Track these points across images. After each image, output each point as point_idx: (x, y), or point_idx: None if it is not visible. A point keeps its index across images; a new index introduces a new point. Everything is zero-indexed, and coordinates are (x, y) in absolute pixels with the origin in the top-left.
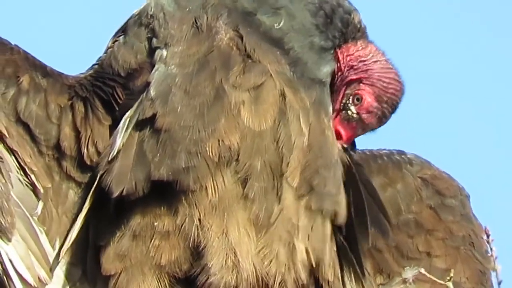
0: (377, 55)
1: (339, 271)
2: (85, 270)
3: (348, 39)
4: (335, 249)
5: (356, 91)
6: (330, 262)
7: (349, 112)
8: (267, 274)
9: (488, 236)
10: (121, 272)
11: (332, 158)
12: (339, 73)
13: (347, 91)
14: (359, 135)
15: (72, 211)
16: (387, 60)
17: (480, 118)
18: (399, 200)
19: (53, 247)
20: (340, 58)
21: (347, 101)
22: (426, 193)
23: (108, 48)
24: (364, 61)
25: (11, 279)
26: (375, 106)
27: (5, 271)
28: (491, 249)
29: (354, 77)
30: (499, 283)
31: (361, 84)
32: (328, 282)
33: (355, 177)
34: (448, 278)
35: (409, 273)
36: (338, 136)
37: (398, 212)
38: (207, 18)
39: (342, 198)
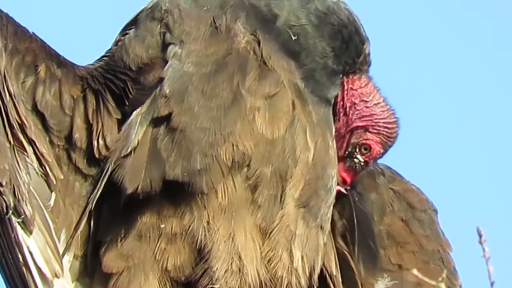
0: (376, 95)
1: (340, 278)
2: (87, 264)
3: (356, 70)
4: (334, 258)
5: (364, 141)
6: (329, 270)
7: (355, 160)
8: (273, 278)
9: (480, 237)
10: (123, 271)
11: (332, 179)
12: (341, 103)
13: (353, 140)
14: None
15: (78, 203)
16: (384, 100)
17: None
18: (373, 211)
19: (58, 239)
20: (345, 87)
21: (354, 150)
22: (398, 206)
23: (117, 41)
24: (366, 102)
25: (30, 272)
26: (382, 152)
27: (25, 263)
28: (483, 249)
29: (360, 124)
30: (491, 284)
31: (367, 133)
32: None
33: (350, 205)
34: (441, 279)
35: (381, 284)
36: (344, 181)
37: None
38: (226, 19)
39: (330, 217)
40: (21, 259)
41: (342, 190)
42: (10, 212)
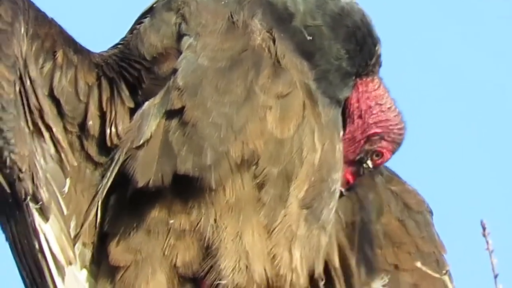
0: (388, 97)
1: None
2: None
3: (369, 72)
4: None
5: (378, 148)
6: (333, 263)
7: (364, 165)
8: (277, 275)
9: (484, 230)
10: (130, 265)
11: (336, 183)
12: (355, 105)
13: (367, 147)
14: None
15: (88, 190)
16: (394, 103)
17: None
18: (371, 210)
19: (69, 225)
20: (360, 89)
21: (366, 156)
22: (395, 206)
23: (132, 29)
24: (381, 106)
25: (46, 259)
26: (390, 158)
27: (41, 250)
28: (487, 242)
29: (377, 130)
30: (495, 277)
31: (383, 141)
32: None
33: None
34: (444, 271)
35: (377, 284)
36: (346, 182)
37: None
38: (243, 14)
39: (332, 219)
40: (37, 246)
41: (343, 190)
42: (28, 198)
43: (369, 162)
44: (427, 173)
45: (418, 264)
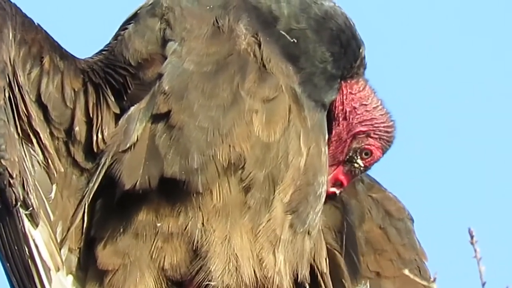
0: (374, 98)
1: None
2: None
3: (354, 74)
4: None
5: (366, 146)
6: (320, 267)
7: (355, 165)
8: (266, 277)
9: (472, 237)
10: (118, 269)
11: (322, 187)
12: (340, 108)
13: (355, 145)
14: None
15: (75, 196)
16: (382, 103)
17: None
18: (353, 217)
19: (55, 231)
20: (344, 92)
21: (355, 155)
22: (376, 213)
23: (117, 35)
24: (366, 106)
25: (36, 265)
26: (381, 157)
27: (31, 256)
28: (475, 250)
29: (362, 129)
30: (483, 285)
31: (369, 139)
32: None
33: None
34: (432, 279)
35: None
36: (340, 184)
37: None
38: (228, 19)
39: (318, 223)
40: (27, 252)
41: (337, 192)
42: (19, 204)
43: (360, 161)
44: (414, 181)
45: (406, 271)
